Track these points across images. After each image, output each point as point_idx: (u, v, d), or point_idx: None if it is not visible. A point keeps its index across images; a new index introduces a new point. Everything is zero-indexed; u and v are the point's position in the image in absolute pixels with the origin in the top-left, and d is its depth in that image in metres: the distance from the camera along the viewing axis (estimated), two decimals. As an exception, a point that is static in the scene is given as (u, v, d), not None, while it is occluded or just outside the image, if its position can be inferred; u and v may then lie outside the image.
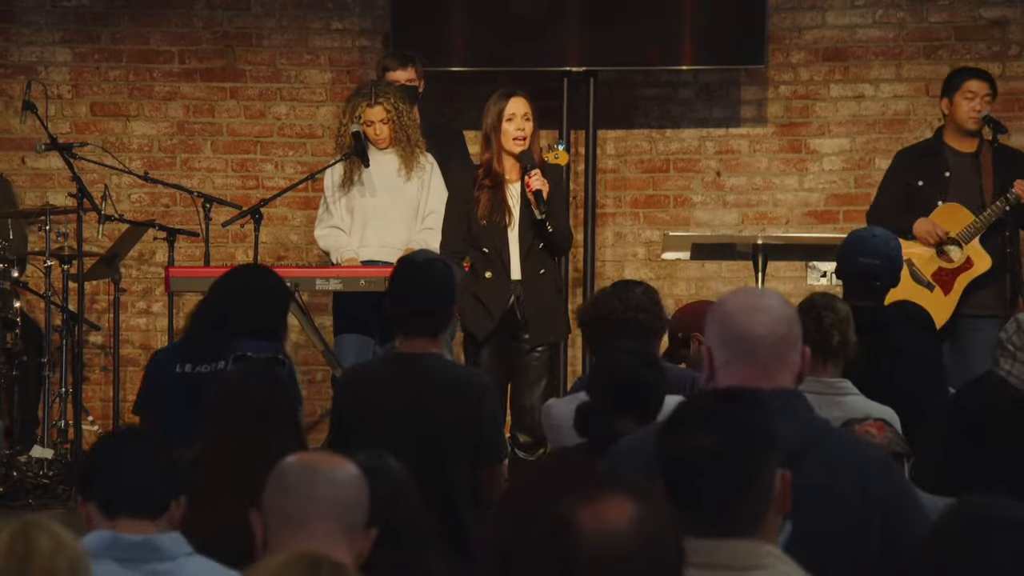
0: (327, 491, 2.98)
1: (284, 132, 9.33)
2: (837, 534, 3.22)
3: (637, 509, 2.49)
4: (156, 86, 9.29)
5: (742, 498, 2.82)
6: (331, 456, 3.11)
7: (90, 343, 9.08)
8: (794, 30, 9.29)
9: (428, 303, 5.10)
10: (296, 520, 2.95)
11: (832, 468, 3.25)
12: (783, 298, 3.40)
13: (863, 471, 3.29)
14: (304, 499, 2.98)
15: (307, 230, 9.06)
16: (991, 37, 9.20)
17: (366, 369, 5.22)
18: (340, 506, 2.98)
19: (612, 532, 2.46)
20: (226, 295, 5.52)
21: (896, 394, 5.16)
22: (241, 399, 4.24)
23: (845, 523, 3.23)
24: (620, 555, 2.46)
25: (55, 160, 8.81)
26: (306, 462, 3.06)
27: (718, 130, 9.36)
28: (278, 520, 2.99)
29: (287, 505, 2.99)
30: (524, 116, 7.13)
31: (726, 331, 3.29)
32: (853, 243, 6.04)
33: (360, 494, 3.03)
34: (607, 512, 2.47)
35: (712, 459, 2.81)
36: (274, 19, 9.31)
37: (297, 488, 2.99)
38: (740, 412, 2.90)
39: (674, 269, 9.26)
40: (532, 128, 7.15)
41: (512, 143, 7.11)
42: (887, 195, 8.00)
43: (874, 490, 3.27)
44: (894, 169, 8.09)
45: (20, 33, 9.25)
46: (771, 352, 3.28)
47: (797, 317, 3.36)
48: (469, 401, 5.03)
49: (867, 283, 5.92)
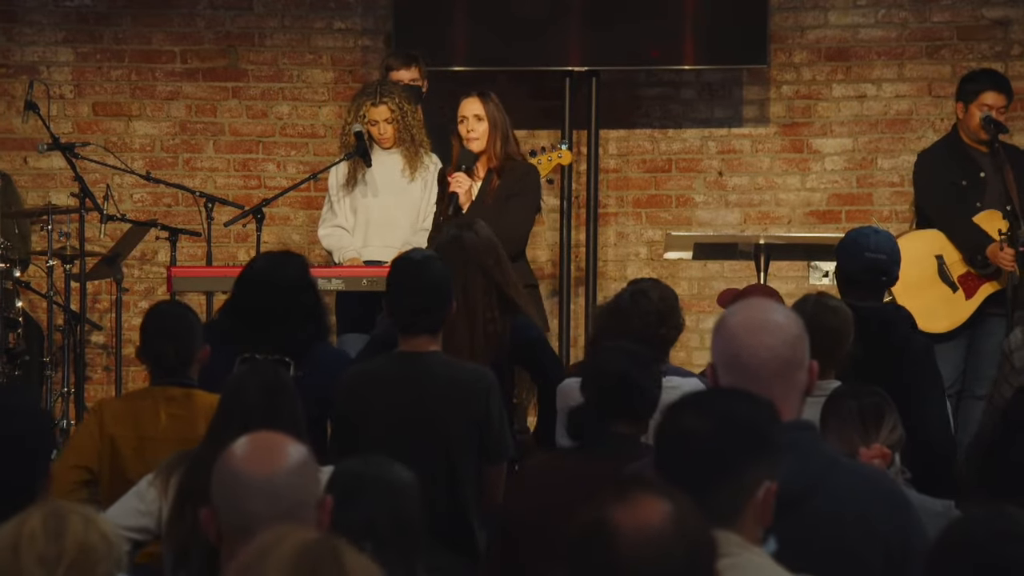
0: (263, 503, 2.97)
1: (286, 132, 9.33)
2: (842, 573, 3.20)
3: (672, 507, 2.50)
4: (158, 86, 9.29)
5: (718, 485, 2.85)
6: (266, 450, 3.04)
7: (92, 343, 9.09)
8: (796, 30, 9.29)
9: (427, 301, 5.08)
10: (244, 530, 2.94)
11: (837, 508, 3.23)
12: (790, 313, 3.34)
13: (869, 507, 3.27)
14: (244, 513, 2.98)
15: (309, 230, 9.06)
16: (993, 37, 9.20)
17: (367, 369, 5.18)
18: (281, 509, 2.96)
19: (649, 531, 2.47)
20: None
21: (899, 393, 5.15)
22: (241, 401, 4.23)
23: (849, 563, 3.22)
24: (657, 554, 2.47)
25: (57, 160, 8.82)
26: (238, 470, 3.01)
27: (720, 130, 9.36)
28: (227, 527, 3.02)
29: (231, 518, 3.01)
30: (475, 116, 7.20)
31: (729, 352, 3.26)
32: (856, 240, 5.98)
33: (299, 484, 3.01)
34: (643, 511, 2.49)
35: (694, 441, 2.88)
36: (276, 19, 9.31)
37: (235, 502, 3.00)
38: (735, 406, 2.94)
39: (676, 269, 9.25)
40: (487, 128, 7.18)
41: (466, 143, 7.18)
42: (940, 195, 7.89)
43: (879, 528, 3.26)
44: (931, 170, 7.98)
45: (22, 33, 9.25)
46: (775, 375, 3.23)
47: (803, 334, 3.30)
48: (475, 399, 5.01)
49: (875, 279, 5.87)
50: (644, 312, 5.24)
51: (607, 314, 5.41)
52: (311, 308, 5.44)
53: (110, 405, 5.21)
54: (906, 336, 5.76)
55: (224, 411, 4.27)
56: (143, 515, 4.48)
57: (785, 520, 2.96)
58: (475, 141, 7.20)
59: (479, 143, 7.20)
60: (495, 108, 7.23)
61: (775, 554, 2.93)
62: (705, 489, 2.83)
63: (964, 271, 7.80)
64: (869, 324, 5.38)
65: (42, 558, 2.75)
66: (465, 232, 5.77)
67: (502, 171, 7.20)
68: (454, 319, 5.23)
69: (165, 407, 5.00)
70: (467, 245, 5.68)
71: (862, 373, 5.15)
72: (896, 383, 5.32)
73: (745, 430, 2.91)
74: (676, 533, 2.48)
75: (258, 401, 4.17)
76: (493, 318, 5.60)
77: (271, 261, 5.63)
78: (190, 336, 5.09)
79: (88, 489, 4.89)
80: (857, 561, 3.21)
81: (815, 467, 3.24)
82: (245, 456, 3.04)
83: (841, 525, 3.21)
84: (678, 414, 2.95)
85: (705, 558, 2.53)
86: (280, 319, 5.31)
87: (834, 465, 3.33)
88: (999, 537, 2.67)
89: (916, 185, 8.24)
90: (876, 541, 3.23)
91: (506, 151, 7.24)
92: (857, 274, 5.89)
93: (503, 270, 5.77)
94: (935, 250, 7.86)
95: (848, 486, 3.28)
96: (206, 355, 5.09)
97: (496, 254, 5.75)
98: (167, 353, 5.07)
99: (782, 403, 3.18)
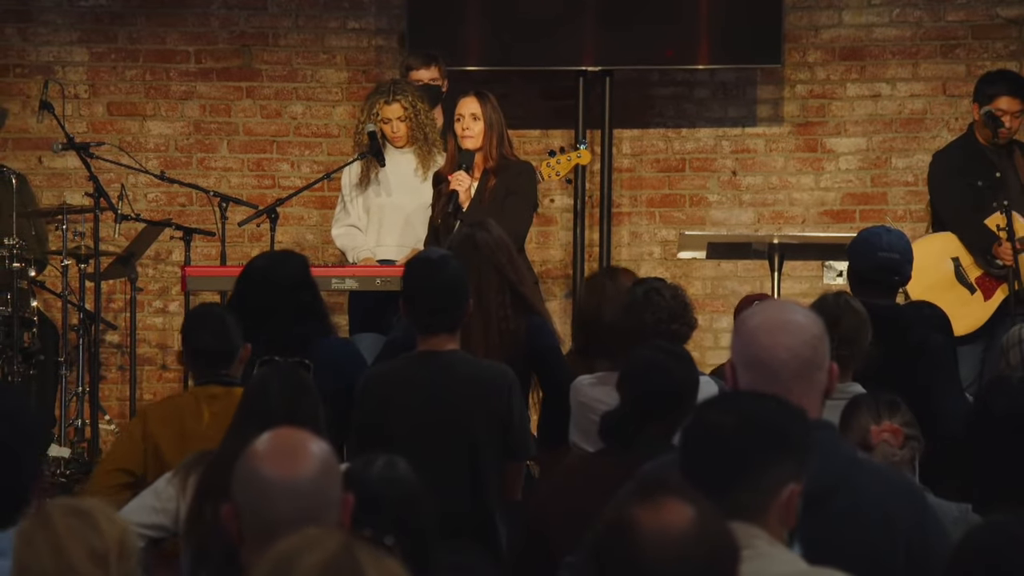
0: (286, 505, 2.94)
1: (300, 131, 9.34)
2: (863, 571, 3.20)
3: (696, 511, 2.52)
4: (172, 86, 9.30)
5: (738, 485, 2.87)
6: (289, 450, 3.00)
7: (107, 342, 9.10)
8: (811, 29, 9.28)
9: (445, 300, 5.08)
10: (266, 531, 2.92)
11: (857, 508, 3.23)
12: (810, 314, 3.33)
13: (889, 506, 3.27)
14: (268, 514, 2.95)
15: (323, 229, 9.07)
16: (1008, 36, 9.19)
17: (388, 369, 5.18)
18: (305, 510, 2.93)
19: (671, 533, 2.49)
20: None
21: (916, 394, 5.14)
22: (261, 402, 4.23)
23: (870, 561, 3.22)
24: (679, 556, 2.48)
25: (72, 160, 8.83)
26: (261, 471, 2.96)
27: (734, 129, 9.35)
28: (249, 526, 2.98)
29: (254, 518, 2.97)
30: (471, 115, 7.22)
31: (749, 352, 3.26)
32: (868, 239, 5.95)
33: (322, 485, 2.97)
34: (667, 514, 2.50)
35: (717, 439, 2.90)
36: (290, 19, 9.32)
37: (258, 503, 2.96)
38: (760, 408, 2.94)
39: (690, 268, 9.25)
40: (483, 128, 7.20)
41: (461, 142, 7.20)
42: (955, 196, 7.88)
43: (900, 526, 3.27)
44: (946, 171, 7.96)
45: (37, 33, 9.26)
46: (794, 375, 3.23)
47: (823, 335, 3.29)
48: (497, 397, 5.01)
49: (887, 278, 5.85)
50: (657, 309, 5.22)
51: (618, 311, 5.39)
52: (309, 306, 5.45)
53: (154, 409, 5.26)
54: (923, 335, 5.74)
55: (246, 412, 4.28)
56: (158, 512, 4.49)
57: (806, 519, 2.96)
58: (469, 139, 7.21)
59: (473, 141, 7.22)
60: (492, 109, 7.25)
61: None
62: (728, 487, 2.84)
63: (981, 273, 7.79)
64: (883, 323, 5.37)
65: (93, 553, 2.74)
66: (478, 231, 5.78)
67: (498, 170, 7.22)
68: (468, 318, 5.24)
69: (208, 405, 5.02)
70: (480, 244, 5.69)
71: (879, 373, 5.14)
72: (912, 383, 5.32)
73: (769, 431, 2.92)
74: (698, 537, 2.50)
75: (280, 403, 4.18)
76: (507, 316, 5.61)
77: (270, 259, 5.67)
78: (230, 334, 5.11)
79: (130, 491, 4.89)
80: (879, 560, 3.21)
81: (835, 466, 3.24)
82: (268, 456, 2.99)
83: (862, 524, 3.22)
84: (705, 412, 2.98)
85: (727, 563, 2.55)
86: (278, 317, 5.33)
87: (854, 464, 3.33)
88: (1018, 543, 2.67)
89: (931, 186, 8.23)
90: (897, 540, 3.24)
91: (501, 151, 7.26)
92: (869, 273, 5.86)
93: (516, 268, 5.78)
94: (951, 252, 7.85)
95: (868, 485, 3.28)
96: (247, 353, 5.10)
97: (508, 252, 5.76)
98: (208, 352, 5.09)
99: (802, 404, 3.16)
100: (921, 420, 4.82)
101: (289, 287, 5.42)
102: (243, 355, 5.13)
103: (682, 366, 4.48)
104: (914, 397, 4.88)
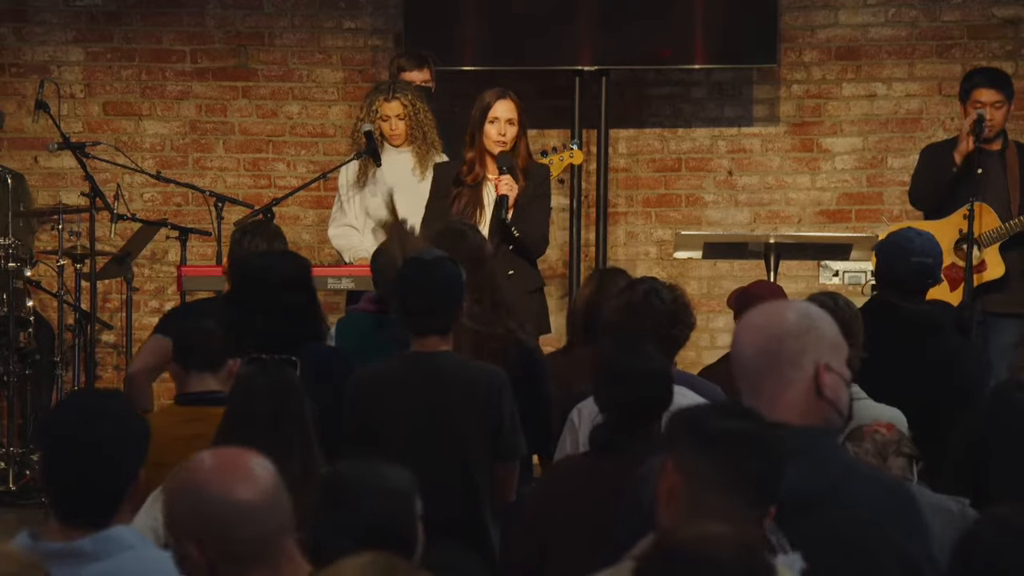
0: (254, 527, 2.95)
1: (296, 131, 9.34)
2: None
3: (735, 529, 2.55)
4: (168, 85, 9.30)
5: None
6: (239, 470, 3.01)
7: (102, 342, 9.09)
8: (806, 29, 9.29)
9: (438, 302, 5.08)
10: (240, 558, 2.94)
11: (854, 515, 3.21)
12: (796, 308, 3.27)
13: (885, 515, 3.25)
14: (236, 540, 2.95)
15: (319, 229, 9.06)
16: (1004, 36, 9.19)
17: (379, 370, 5.17)
18: (265, 537, 2.96)
19: (708, 552, 2.51)
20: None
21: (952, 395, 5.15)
22: (248, 401, 4.22)
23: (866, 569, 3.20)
24: (715, 574, 2.51)
25: (68, 159, 8.83)
26: (219, 497, 2.96)
27: (730, 129, 9.35)
28: (219, 556, 2.98)
29: (222, 545, 2.97)
30: (508, 120, 7.10)
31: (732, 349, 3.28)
32: (900, 243, 5.94)
33: (281, 499, 2.99)
34: (708, 533, 2.53)
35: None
36: (286, 18, 9.32)
37: (223, 530, 2.96)
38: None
39: (686, 268, 9.25)
40: (516, 132, 7.12)
41: (493, 145, 7.12)
42: (924, 177, 7.91)
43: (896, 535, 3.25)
44: (927, 160, 7.99)
45: (33, 32, 9.27)
46: (760, 371, 3.18)
47: (799, 332, 3.20)
48: (489, 398, 5.00)
49: (922, 282, 5.87)
50: (656, 312, 5.22)
51: (617, 311, 5.38)
52: (302, 307, 5.41)
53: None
54: (959, 341, 5.79)
55: (233, 413, 4.26)
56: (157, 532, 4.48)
57: (802, 525, 2.95)
58: (501, 143, 7.11)
59: (507, 145, 7.14)
60: (522, 111, 7.20)
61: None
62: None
63: (949, 263, 7.77)
64: (926, 329, 5.39)
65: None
66: (469, 231, 5.81)
67: (527, 173, 7.18)
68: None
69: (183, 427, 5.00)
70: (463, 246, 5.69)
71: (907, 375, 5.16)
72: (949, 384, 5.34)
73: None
74: (738, 556, 2.52)
75: (267, 403, 4.16)
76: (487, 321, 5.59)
77: (266, 258, 5.64)
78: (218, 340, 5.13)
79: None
80: (873, 567, 3.20)
81: (832, 473, 3.22)
82: (217, 481, 2.98)
83: (858, 531, 3.20)
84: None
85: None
86: (270, 316, 5.29)
87: (851, 472, 3.30)
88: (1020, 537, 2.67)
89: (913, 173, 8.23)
90: (892, 548, 3.22)
91: (527, 153, 7.24)
92: (903, 277, 5.87)
93: (491, 272, 5.80)
94: None
95: (865, 493, 3.25)
96: (237, 367, 5.07)
97: (485, 256, 5.78)
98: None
99: (773, 401, 3.15)
100: (942, 430, 4.82)
101: (281, 286, 5.39)
102: (232, 368, 5.11)
103: (653, 366, 4.52)
104: (940, 397, 4.87)
